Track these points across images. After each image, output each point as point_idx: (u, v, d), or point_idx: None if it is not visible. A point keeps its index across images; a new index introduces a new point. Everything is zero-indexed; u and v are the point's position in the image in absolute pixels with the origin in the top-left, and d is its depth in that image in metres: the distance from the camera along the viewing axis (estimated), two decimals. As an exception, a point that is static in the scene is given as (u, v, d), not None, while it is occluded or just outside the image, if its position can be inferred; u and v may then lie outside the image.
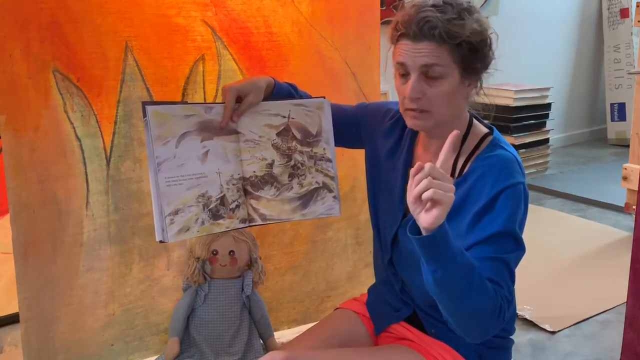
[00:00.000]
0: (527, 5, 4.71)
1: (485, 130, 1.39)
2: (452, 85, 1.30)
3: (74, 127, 1.73)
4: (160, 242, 1.40)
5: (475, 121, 1.40)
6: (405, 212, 1.42)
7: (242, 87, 1.49)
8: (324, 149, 1.55)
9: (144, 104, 1.39)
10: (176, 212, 1.38)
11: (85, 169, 1.76)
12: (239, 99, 1.48)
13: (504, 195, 1.26)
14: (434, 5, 1.28)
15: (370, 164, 1.56)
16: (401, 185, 1.43)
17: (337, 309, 1.66)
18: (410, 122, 1.35)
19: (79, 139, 1.74)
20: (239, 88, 1.48)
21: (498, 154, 1.32)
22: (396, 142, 1.49)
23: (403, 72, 1.32)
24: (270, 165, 1.50)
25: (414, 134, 1.46)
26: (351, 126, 1.60)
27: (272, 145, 1.50)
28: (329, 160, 1.55)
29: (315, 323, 1.65)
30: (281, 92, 1.56)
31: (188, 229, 1.40)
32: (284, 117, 1.52)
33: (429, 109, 1.31)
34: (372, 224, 1.57)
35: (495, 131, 1.39)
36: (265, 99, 1.52)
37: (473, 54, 1.29)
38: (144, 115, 1.38)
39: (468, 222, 1.28)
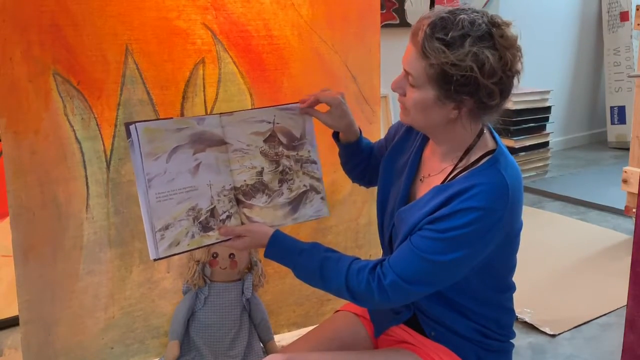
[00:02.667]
0: (527, 8, 4.71)
1: (492, 146, 1.35)
2: (426, 99, 1.28)
3: (74, 130, 1.73)
4: (154, 260, 1.38)
5: (485, 135, 1.36)
6: None
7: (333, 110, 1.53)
8: (308, 151, 1.56)
9: (127, 124, 1.36)
10: (167, 227, 1.37)
11: (86, 171, 1.76)
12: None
13: (464, 214, 1.25)
14: (441, 18, 1.24)
15: (386, 161, 1.54)
16: (405, 186, 1.43)
17: (337, 311, 1.65)
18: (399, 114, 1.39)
19: (79, 142, 1.74)
20: (329, 101, 1.52)
21: (487, 175, 1.29)
22: (409, 144, 1.49)
23: None
24: (260, 172, 1.50)
25: (425, 137, 1.45)
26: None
27: (261, 152, 1.51)
28: (314, 162, 1.57)
29: (315, 326, 1.65)
30: (362, 142, 1.61)
31: (178, 243, 1.39)
32: (269, 122, 1.52)
33: (408, 107, 1.33)
34: (378, 225, 1.56)
35: (499, 150, 1.34)
36: (350, 146, 1.59)
37: (448, 83, 1.23)
38: (128, 136, 1.35)
39: (425, 221, 1.30)
